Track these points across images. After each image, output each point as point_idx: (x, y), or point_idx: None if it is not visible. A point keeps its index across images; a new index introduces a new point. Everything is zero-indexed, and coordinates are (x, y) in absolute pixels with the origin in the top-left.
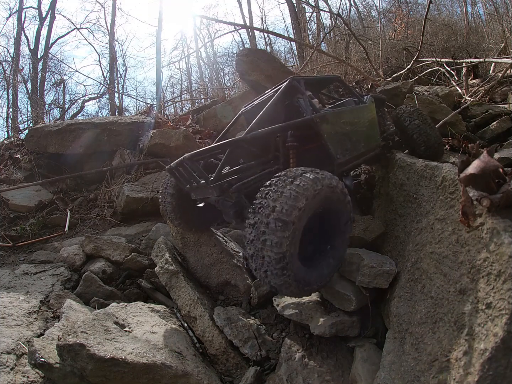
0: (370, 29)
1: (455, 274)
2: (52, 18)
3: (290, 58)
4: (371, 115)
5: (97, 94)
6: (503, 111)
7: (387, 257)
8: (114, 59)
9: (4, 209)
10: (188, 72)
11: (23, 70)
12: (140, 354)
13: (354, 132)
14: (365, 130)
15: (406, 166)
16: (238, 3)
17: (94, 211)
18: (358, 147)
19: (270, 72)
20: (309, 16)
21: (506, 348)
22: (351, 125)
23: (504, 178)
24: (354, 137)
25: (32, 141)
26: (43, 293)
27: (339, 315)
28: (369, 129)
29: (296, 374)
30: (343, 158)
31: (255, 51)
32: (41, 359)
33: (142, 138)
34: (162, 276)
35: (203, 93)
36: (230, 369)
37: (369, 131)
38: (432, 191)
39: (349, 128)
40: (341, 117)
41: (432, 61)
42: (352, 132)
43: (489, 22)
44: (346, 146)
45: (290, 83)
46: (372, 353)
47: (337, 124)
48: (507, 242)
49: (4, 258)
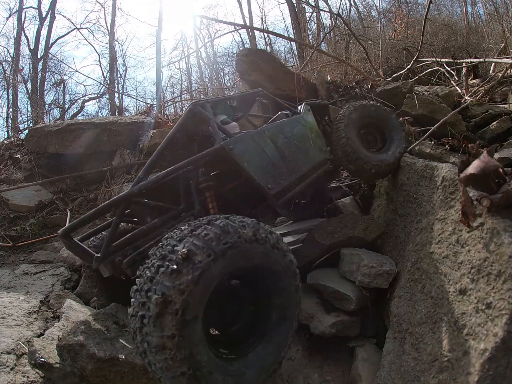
0: (370, 29)
1: (455, 274)
2: (52, 18)
3: (290, 58)
4: (309, 125)
5: (97, 94)
6: (503, 111)
7: (387, 257)
8: (114, 59)
9: (4, 209)
10: (188, 72)
11: (23, 70)
12: None
13: (287, 151)
14: (303, 145)
15: (406, 166)
16: (238, 3)
17: None
18: (298, 167)
19: (270, 72)
20: (309, 16)
21: (506, 348)
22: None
23: (504, 178)
24: (288, 157)
25: (32, 141)
26: (43, 293)
27: (339, 315)
28: (308, 142)
29: (296, 374)
30: (278, 187)
31: (255, 51)
32: (41, 359)
33: (142, 138)
34: None
35: (203, 93)
36: None
37: (309, 145)
38: (432, 191)
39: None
40: (264, 137)
41: (432, 61)
42: (284, 152)
43: (489, 22)
44: (278, 171)
45: (191, 110)
46: (372, 353)
47: (258, 146)
48: (507, 242)
49: (4, 258)
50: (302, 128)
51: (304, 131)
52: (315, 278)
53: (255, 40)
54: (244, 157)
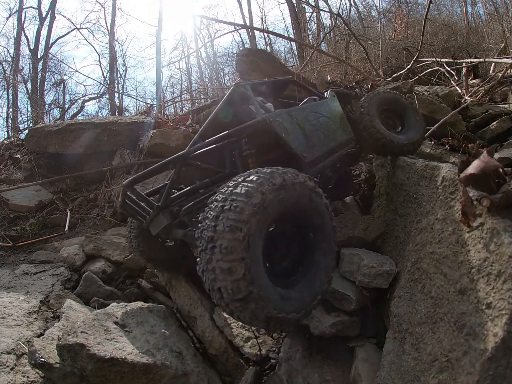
0: (370, 29)
1: (455, 274)
2: (52, 18)
3: (290, 58)
4: (335, 108)
5: (97, 94)
6: (503, 111)
7: (387, 257)
8: (114, 59)
9: (4, 209)
10: (188, 72)
11: (23, 70)
12: (140, 354)
13: (318, 128)
14: (330, 124)
15: (406, 166)
16: (238, 3)
17: (94, 211)
18: (327, 142)
19: (270, 72)
20: (309, 16)
21: (506, 348)
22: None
23: (504, 178)
24: (319, 133)
25: (32, 141)
26: (43, 293)
27: (339, 315)
28: (334, 122)
29: (296, 374)
30: (311, 156)
31: (255, 51)
32: (41, 359)
33: (142, 138)
34: (162, 276)
35: (203, 93)
36: (230, 369)
37: (335, 125)
38: (432, 191)
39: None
40: (297, 114)
41: (432, 61)
42: (316, 128)
43: (489, 22)
44: (311, 143)
45: (234, 90)
46: (372, 353)
47: (294, 121)
48: (507, 242)
49: (4, 258)
50: (329, 110)
51: (331, 113)
52: None
53: (255, 40)
54: (282, 129)
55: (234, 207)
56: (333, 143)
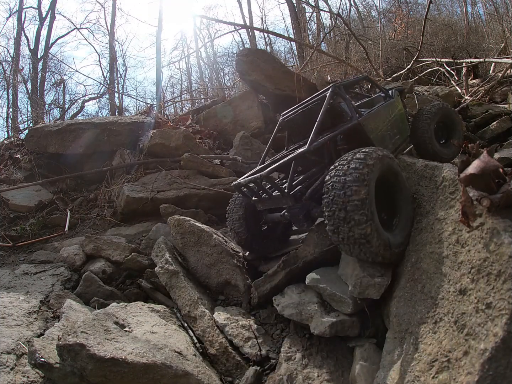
0: (370, 29)
1: (455, 274)
2: (52, 18)
3: (290, 58)
4: (400, 108)
5: (97, 94)
6: (503, 111)
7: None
8: (114, 59)
9: (4, 209)
10: (188, 72)
11: (23, 70)
12: (140, 354)
13: (391, 128)
14: (398, 124)
15: (406, 166)
16: (238, 3)
17: (94, 211)
18: (395, 139)
19: (270, 72)
20: (309, 16)
21: (506, 348)
22: (387, 121)
23: (504, 178)
24: (391, 133)
25: (32, 141)
26: (43, 293)
27: (339, 315)
28: (400, 122)
29: (296, 374)
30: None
31: (255, 51)
32: (41, 359)
33: (142, 138)
34: (162, 276)
35: (203, 93)
36: (230, 369)
37: (401, 124)
38: (432, 191)
39: (386, 125)
40: (379, 117)
41: (432, 61)
42: (389, 128)
43: (489, 22)
44: (386, 141)
45: (333, 91)
46: (372, 353)
47: (378, 123)
48: (507, 242)
49: (4, 258)
50: (397, 110)
51: (398, 112)
52: (315, 279)
53: (255, 40)
54: (369, 130)
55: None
56: (399, 141)
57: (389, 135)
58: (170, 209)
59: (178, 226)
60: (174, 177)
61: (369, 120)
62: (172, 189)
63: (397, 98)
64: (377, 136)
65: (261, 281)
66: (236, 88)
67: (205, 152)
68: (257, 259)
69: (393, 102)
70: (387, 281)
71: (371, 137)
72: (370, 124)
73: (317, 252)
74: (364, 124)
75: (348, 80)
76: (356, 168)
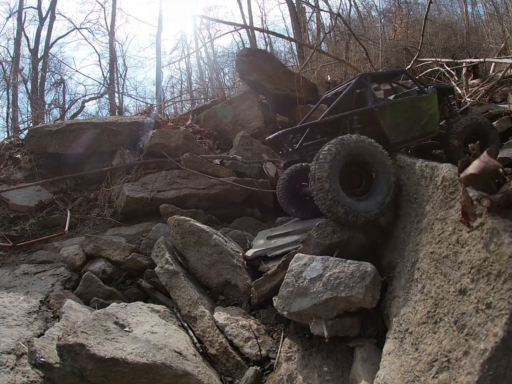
0: (370, 29)
1: (455, 274)
2: (52, 18)
3: (290, 58)
4: (431, 104)
5: (97, 94)
6: (503, 111)
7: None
8: (114, 59)
9: (4, 209)
10: (188, 72)
11: (23, 70)
12: (140, 354)
13: (409, 118)
14: (422, 117)
15: (406, 166)
16: (238, 3)
17: (94, 211)
18: (413, 130)
19: (270, 72)
20: (309, 16)
21: (506, 348)
22: (407, 112)
23: (504, 178)
24: (409, 122)
25: (32, 141)
26: (43, 293)
27: (339, 315)
28: (426, 116)
29: (296, 374)
30: (396, 140)
31: (255, 51)
32: (41, 359)
33: (142, 138)
34: (162, 276)
35: (203, 93)
36: (230, 369)
37: (426, 117)
38: (432, 191)
39: (404, 114)
40: (397, 106)
41: (432, 61)
42: (408, 118)
43: (489, 22)
44: (400, 130)
45: (358, 80)
46: (372, 353)
47: (393, 112)
48: (507, 242)
49: (4, 258)
50: (425, 105)
51: (425, 107)
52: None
53: (255, 40)
54: (381, 116)
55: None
56: (417, 132)
57: (405, 125)
58: (170, 209)
59: (178, 226)
60: (174, 177)
61: (383, 107)
62: (172, 189)
63: (431, 94)
64: (388, 122)
65: (261, 281)
66: (236, 88)
67: (205, 152)
68: (256, 259)
69: (423, 97)
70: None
71: (382, 122)
72: (383, 111)
73: (317, 252)
74: (376, 110)
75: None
76: (320, 158)
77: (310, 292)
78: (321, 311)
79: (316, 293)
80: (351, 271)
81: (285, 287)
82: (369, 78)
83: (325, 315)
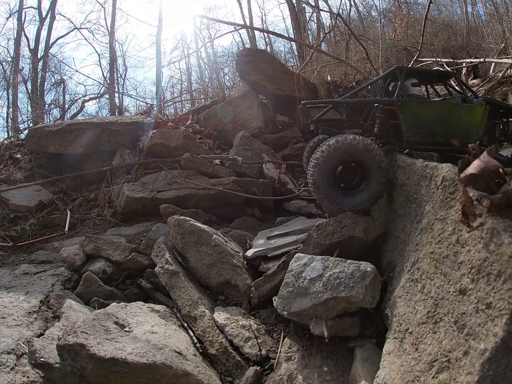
0: (370, 29)
1: (455, 274)
2: (52, 18)
3: (290, 58)
4: (472, 115)
5: (97, 94)
6: None
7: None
8: (114, 59)
9: (4, 209)
10: (188, 72)
11: (23, 70)
12: (140, 354)
13: (438, 122)
14: (454, 126)
15: (406, 166)
16: (238, 3)
17: (94, 211)
18: (437, 135)
19: (270, 72)
20: (309, 16)
21: (506, 348)
22: (436, 114)
23: (504, 178)
24: (435, 126)
25: (32, 141)
26: (43, 293)
27: (339, 315)
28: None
29: (296, 374)
30: (413, 138)
31: (255, 51)
32: (41, 359)
33: (142, 138)
34: (162, 276)
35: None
36: (230, 369)
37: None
38: (432, 191)
39: (432, 117)
40: (425, 106)
41: (432, 61)
42: (434, 121)
43: (489, 22)
44: (420, 129)
45: (392, 71)
46: (372, 353)
47: (418, 110)
48: (507, 242)
49: (4, 258)
50: (464, 115)
51: (464, 117)
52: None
53: (255, 40)
54: (402, 111)
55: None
56: (442, 138)
57: (429, 127)
58: (170, 209)
59: (178, 226)
60: (174, 177)
61: (407, 103)
62: (172, 189)
63: (476, 106)
64: (408, 119)
65: (261, 281)
66: (236, 88)
67: (205, 152)
68: (256, 259)
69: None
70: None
71: (401, 117)
72: (406, 106)
73: (317, 252)
74: (398, 104)
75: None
76: (315, 158)
77: (310, 292)
78: (321, 311)
79: (316, 293)
80: (351, 271)
81: (285, 287)
82: (404, 72)
83: (325, 315)
